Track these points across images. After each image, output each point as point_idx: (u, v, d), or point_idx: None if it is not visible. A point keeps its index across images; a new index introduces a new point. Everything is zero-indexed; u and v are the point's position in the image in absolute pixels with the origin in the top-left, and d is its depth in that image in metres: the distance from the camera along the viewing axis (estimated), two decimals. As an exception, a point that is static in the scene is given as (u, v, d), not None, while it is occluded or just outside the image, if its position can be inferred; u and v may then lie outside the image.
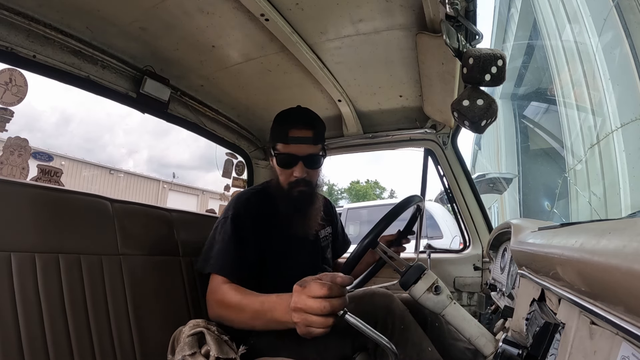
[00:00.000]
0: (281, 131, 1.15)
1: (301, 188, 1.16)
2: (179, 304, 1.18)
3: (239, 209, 1.11)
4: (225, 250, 1.05)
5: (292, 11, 1.11)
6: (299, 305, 0.77)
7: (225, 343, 0.86)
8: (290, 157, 1.14)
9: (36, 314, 0.82)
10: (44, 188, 0.99)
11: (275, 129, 1.19)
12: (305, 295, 0.76)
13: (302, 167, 1.14)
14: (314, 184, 1.20)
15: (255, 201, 1.16)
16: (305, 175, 1.15)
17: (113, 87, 1.35)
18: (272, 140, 1.19)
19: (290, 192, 1.16)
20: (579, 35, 5.97)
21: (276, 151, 1.16)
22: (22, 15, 1.07)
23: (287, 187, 1.17)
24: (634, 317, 0.30)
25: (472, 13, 0.89)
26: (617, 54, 5.05)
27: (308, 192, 1.17)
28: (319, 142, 1.18)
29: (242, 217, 1.10)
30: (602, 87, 5.35)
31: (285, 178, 1.17)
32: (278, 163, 1.16)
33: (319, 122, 1.20)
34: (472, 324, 0.97)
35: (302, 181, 1.15)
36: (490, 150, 11.74)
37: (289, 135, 1.13)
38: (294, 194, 1.16)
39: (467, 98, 0.78)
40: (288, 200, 1.16)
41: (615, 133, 5.00)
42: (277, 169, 1.17)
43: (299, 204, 1.17)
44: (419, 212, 1.31)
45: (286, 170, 1.16)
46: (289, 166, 1.15)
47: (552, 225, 0.71)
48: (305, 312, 0.76)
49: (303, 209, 1.18)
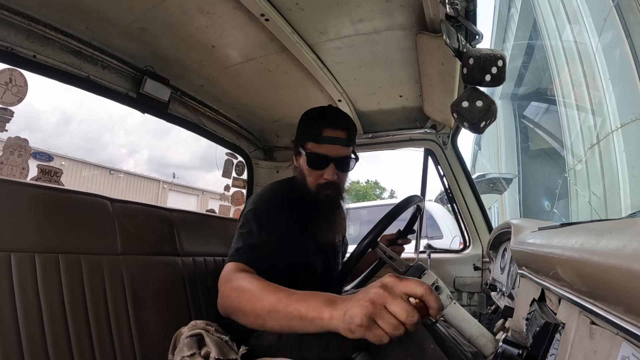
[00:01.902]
0: (314, 130, 1.10)
1: (329, 192, 1.11)
2: (179, 304, 1.18)
3: (264, 202, 1.06)
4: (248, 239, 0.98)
5: (292, 11, 1.11)
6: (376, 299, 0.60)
7: (225, 344, 0.86)
8: (322, 157, 1.09)
9: (36, 314, 0.82)
10: (44, 188, 0.99)
11: (305, 127, 1.14)
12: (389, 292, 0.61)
13: (334, 169, 1.09)
14: (342, 188, 1.16)
15: (280, 197, 1.11)
16: (335, 178, 1.10)
17: (113, 87, 1.35)
18: (301, 139, 1.13)
19: (317, 194, 1.11)
20: (579, 35, 5.98)
21: (307, 150, 1.10)
22: (22, 15, 1.07)
23: (314, 189, 1.11)
24: (634, 317, 0.30)
25: (472, 13, 0.89)
26: (617, 54, 5.06)
27: (335, 196, 1.13)
28: (351, 144, 1.13)
29: (268, 210, 1.04)
30: (602, 87, 5.36)
31: (313, 179, 1.11)
32: (308, 163, 1.10)
33: (352, 124, 1.16)
34: (472, 324, 0.97)
35: (332, 184, 1.10)
36: (490, 151, 11.74)
37: (322, 135, 1.08)
38: (321, 197, 1.11)
39: (467, 99, 0.78)
40: (314, 203, 1.11)
41: (615, 133, 5.01)
42: (306, 169, 1.12)
43: (325, 207, 1.12)
44: (419, 212, 1.31)
45: (316, 172, 1.10)
46: (320, 167, 1.10)
47: (552, 225, 0.71)
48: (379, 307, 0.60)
49: (329, 213, 1.13)
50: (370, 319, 0.60)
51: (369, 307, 0.60)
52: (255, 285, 0.83)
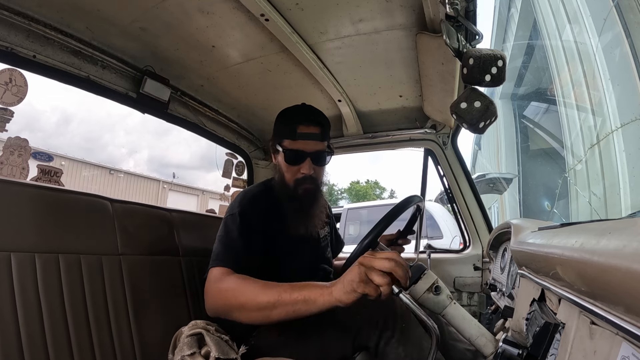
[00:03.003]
0: (288, 127, 1.14)
1: (307, 185, 1.14)
2: (179, 304, 1.18)
3: (245, 206, 1.09)
4: (231, 244, 1.02)
5: (292, 11, 1.11)
6: (364, 262, 0.76)
7: (225, 343, 0.86)
8: (298, 153, 1.13)
9: (36, 314, 0.82)
10: (44, 188, 0.99)
11: (280, 125, 1.18)
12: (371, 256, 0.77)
13: (310, 163, 1.13)
14: (320, 181, 1.19)
15: (260, 199, 1.14)
16: (312, 172, 1.14)
17: (113, 87, 1.35)
18: (277, 138, 1.17)
19: (295, 189, 1.14)
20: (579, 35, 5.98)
21: (283, 147, 1.14)
22: (22, 15, 1.07)
23: (292, 184, 1.15)
24: (634, 317, 0.30)
25: (472, 13, 0.89)
26: (617, 54, 5.06)
27: (313, 190, 1.16)
28: (326, 139, 1.17)
29: (248, 213, 1.07)
30: (602, 87, 5.35)
31: (291, 175, 1.15)
32: (285, 159, 1.14)
33: (325, 119, 1.19)
34: (472, 324, 0.97)
35: (309, 178, 1.14)
36: (490, 151, 11.74)
37: (297, 132, 1.12)
38: (300, 192, 1.14)
39: (466, 100, 0.78)
40: (294, 198, 1.14)
41: (615, 133, 5.00)
42: (283, 165, 1.15)
43: (304, 201, 1.15)
44: (419, 212, 1.31)
45: (293, 167, 1.14)
46: (296, 162, 1.13)
47: (552, 225, 0.71)
48: (368, 268, 0.76)
49: (308, 206, 1.17)
50: (365, 275, 0.75)
51: (361, 268, 0.76)
52: (250, 282, 0.91)
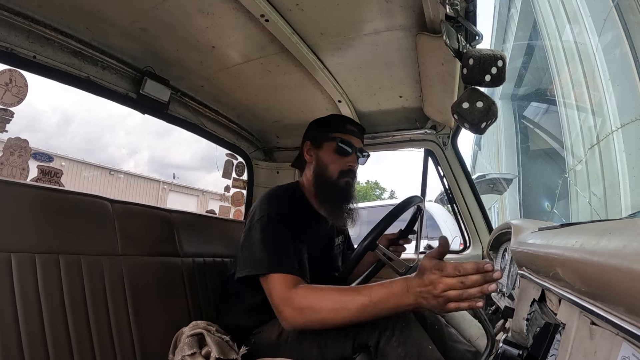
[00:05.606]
0: (338, 124, 1.22)
1: (349, 179, 1.20)
2: (179, 304, 1.18)
3: (277, 207, 1.07)
4: (282, 247, 0.97)
5: (292, 12, 1.11)
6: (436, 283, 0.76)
7: (226, 344, 0.86)
8: (349, 145, 1.19)
9: (36, 315, 0.82)
10: (44, 189, 0.99)
11: (328, 123, 1.25)
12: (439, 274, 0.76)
13: (356, 157, 1.21)
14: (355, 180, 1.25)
15: (287, 200, 1.13)
16: (356, 167, 1.21)
17: (113, 88, 1.35)
18: (326, 131, 1.22)
19: (338, 180, 1.19)
20: (579, 35, 5.98)
21: (335, 138, 1.19)
22: (22, 16, 1.07)
23: (337, 175, 1.19)
24: (634, 317, 0.30)
25: (472, 13, 0.89)
26: (617, 54, 5.06)
27: (352, 185, 1.21)
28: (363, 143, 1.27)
29: (283, 214, 1.05)
30: (602, 87, 5.35)
31: (338, 167, 1.19)
32: (336, 150, 1.19)
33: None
34: (473, 325, 0.97)
35: (352, 172, 1.20)
36: (490, 151, 11.74)
37: (347, 127, 1.21)
38: (341, 184, 1.18)
39: (467, 100, 0.78)
40: (335, 186, 1.18)
41: (615, 133, 5.00)
42: (330, 158, 1.20)
43: (342, 192, 1.19)
44: (419, 213, 1.31)
45: (342, 159, 1.19)
46: (346, 154, 1.19)
47: (552, 226, 0.71)
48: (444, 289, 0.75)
49: (343, 199, 1.20)
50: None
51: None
52: (324, 297, 0.88)
